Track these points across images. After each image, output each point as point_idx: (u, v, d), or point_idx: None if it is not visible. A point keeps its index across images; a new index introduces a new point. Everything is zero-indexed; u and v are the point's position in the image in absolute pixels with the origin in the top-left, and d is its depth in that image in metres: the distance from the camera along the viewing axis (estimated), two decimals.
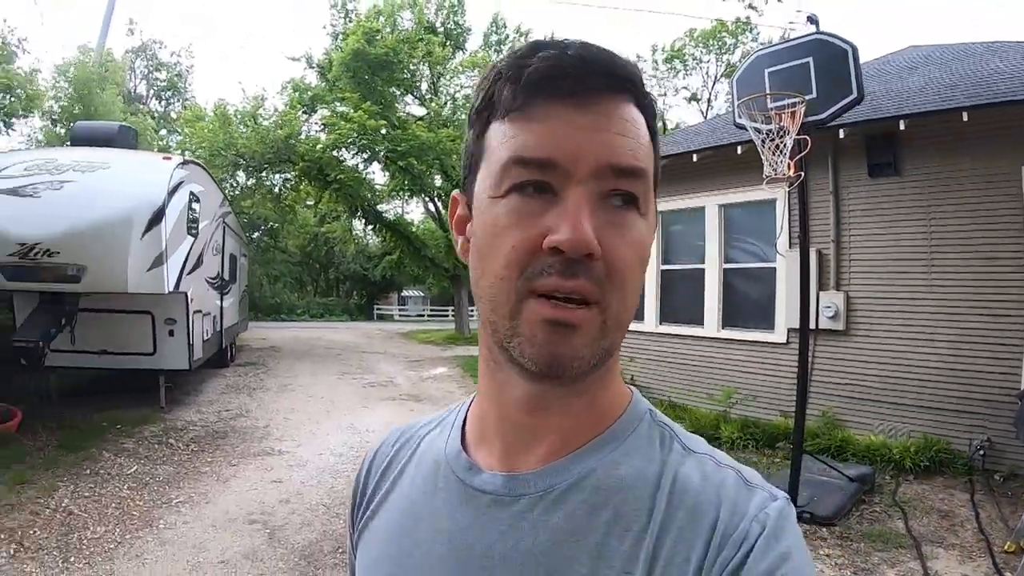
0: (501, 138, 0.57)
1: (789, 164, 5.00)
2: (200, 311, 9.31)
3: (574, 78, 0.55)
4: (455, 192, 0.68)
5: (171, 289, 7.59)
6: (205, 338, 9.81)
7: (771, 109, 5.17)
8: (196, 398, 9.74)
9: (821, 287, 7.05)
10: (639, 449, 0.62)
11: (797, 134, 4.97)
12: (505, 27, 27.81)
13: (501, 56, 0.61)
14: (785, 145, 5.00)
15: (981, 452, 5.87)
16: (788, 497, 0.58)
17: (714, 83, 30.95)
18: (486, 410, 0.68)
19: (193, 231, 8.45)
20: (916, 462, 5.93)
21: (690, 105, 32.89)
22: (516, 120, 0.56)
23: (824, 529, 4.83)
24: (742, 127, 5.52)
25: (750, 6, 9.52)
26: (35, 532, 4.60)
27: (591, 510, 0.59)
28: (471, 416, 0.72)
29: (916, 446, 6.06)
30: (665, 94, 32.98)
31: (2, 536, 4.48)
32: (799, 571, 0.51)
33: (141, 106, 30.06)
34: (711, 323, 8.37)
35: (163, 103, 36.15)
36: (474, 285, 0.61)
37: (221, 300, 11.27)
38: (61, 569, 4.10)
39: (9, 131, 10.23)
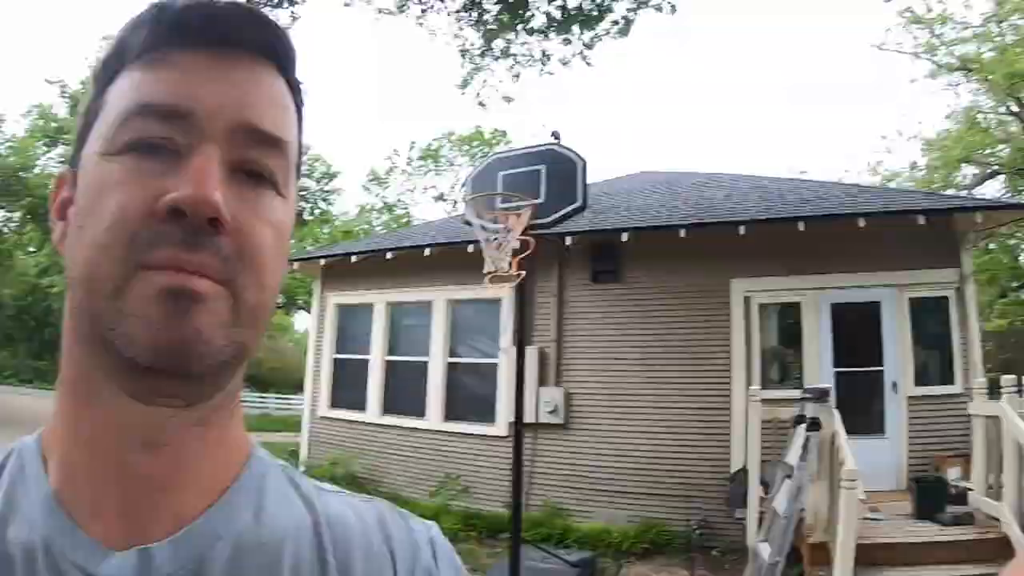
0: (126, 88, 0.47)
1: (511, 262, 5.21)
2: None
3: (225, 27, 0.47)
4: (63, 170, 0.54)
5: None
6: None
7: (499, 210, 5.42)
8: None
9: (542, 383, 7.43)
10: (281, 493, 0.54)
11: (522, 235, 5.22)
12: None
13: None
14: (508, 243, 5.24)
15: (698, 532, 6.42)
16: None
17: (463, 185, 32.43)
18: (77, 457, 0.47)
19: None
20: (636, 544, 6.29)
21: (436, 204, 34.16)
22: (148, 66, 0.46)
23: None
24: (470, 224, 5.71)
25: (480, 103, 10.38)
26: None
27: (260, 574, 0.47)
28: (53, 470, 0.48)
29: (636, 530, 6.46)
30: (413, 190, 34.68)
31: None
32: None
33: None
34: (434, 415, 8.42)
35: None
36: (68, 271, 0.47)
37: None
38: None
39: None
